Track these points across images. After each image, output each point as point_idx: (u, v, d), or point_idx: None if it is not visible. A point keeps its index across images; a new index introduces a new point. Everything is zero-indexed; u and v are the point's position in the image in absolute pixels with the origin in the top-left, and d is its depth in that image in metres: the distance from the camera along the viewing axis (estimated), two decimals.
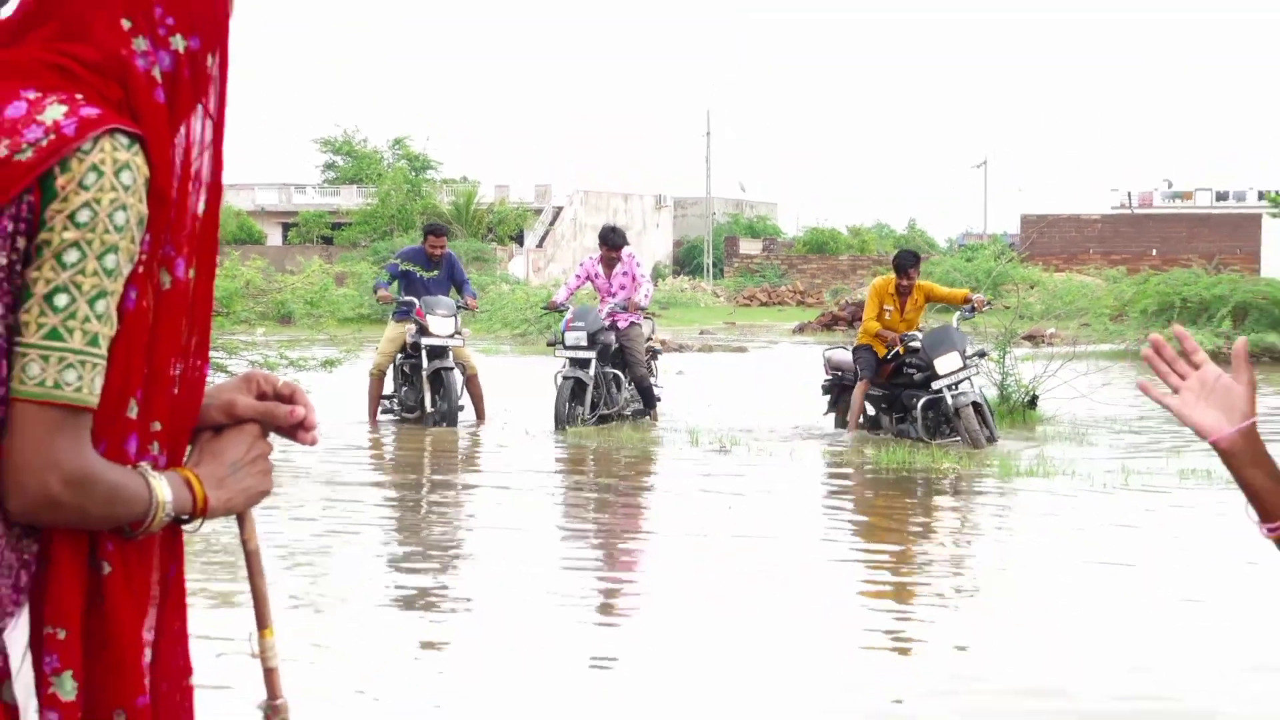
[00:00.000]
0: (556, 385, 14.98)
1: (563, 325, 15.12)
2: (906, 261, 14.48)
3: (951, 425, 13.72)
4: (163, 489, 2.01)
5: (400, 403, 15.12)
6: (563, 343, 15.01)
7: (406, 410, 15.03)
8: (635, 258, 15.78)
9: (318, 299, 31.46)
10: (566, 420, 14.61)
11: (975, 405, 13.62)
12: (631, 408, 15.40)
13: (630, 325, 15.24)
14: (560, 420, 14.64)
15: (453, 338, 14.60)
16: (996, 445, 13.51)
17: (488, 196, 57.39)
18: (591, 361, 14.88)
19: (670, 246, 67.75)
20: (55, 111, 1.92)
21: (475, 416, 15.06)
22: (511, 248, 54.79)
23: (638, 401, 15.45)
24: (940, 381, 13.60)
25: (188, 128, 2.07)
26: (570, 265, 44.18)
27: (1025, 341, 20.48)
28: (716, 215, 68.03)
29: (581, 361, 14.88)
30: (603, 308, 15.27)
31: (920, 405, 13.82)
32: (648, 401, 15.42)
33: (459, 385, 14.71)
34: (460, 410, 14.77)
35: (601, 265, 15.63)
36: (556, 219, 61.38)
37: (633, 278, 15.44)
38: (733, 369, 23.80)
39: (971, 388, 13.78)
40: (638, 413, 15.40)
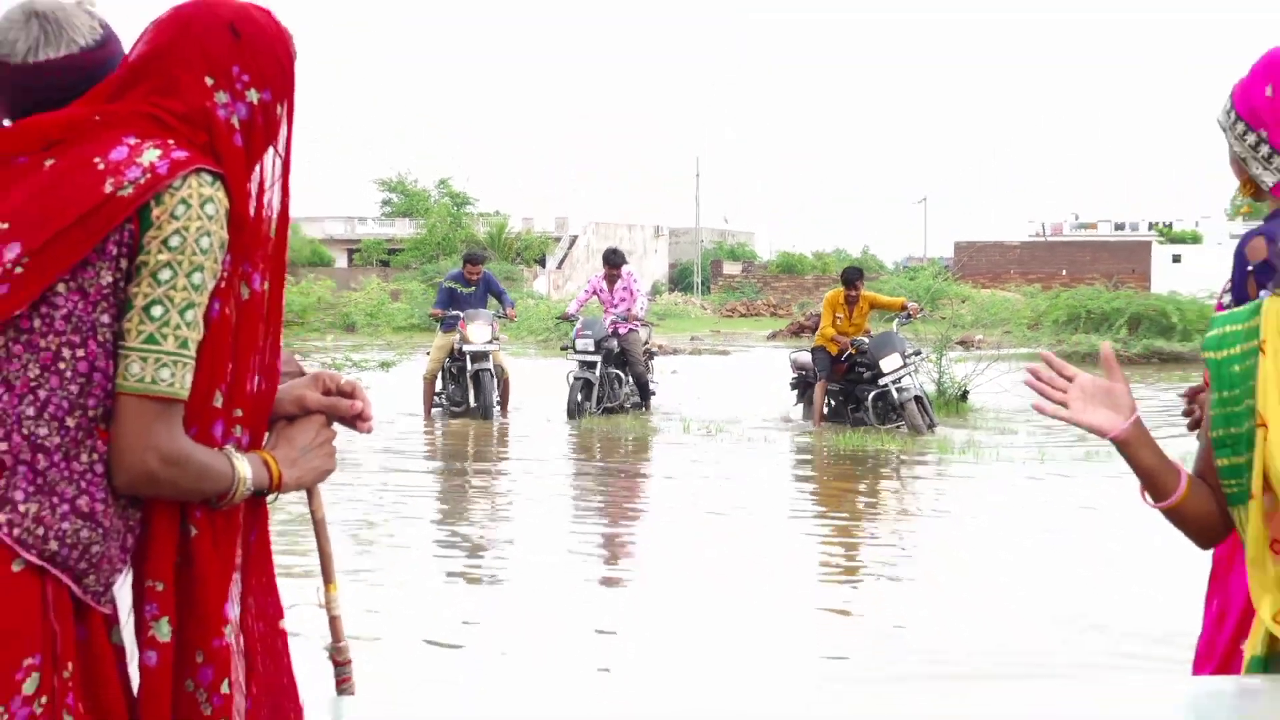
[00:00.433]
0: (569, 383, 15.07)
1: (574, 333, 15.22)
2: (853, 275, 14.63)
3: (898, 414, 13.73)
4: (244, 467, 2.03)
5: (448, 399, 15.13)
6: (574, 348, 15.13)
7: (454, 405, 15.04)
8: (634, 275, 15.80)
9: (376, 311, 31.51)
10: (577, 413, 14.69)
11: (917, 398, 13.71)
12: (631, 401, 15.44)
13: (629, 332, 15.23)
14: (572, 413, 14.72)
15: (490, 343, 14.61)
16: (935, 431, 13.51)
17: (516, 227, 57.30)
18: (597, 364, 14.93)
19: (666, 268, 67.64)
20: (151, 154, 1.94)
21: (500, 406, 15.08)
22: (536, 269, 54.70)
23: (637, 396, 15.47)
24: (886, 378, 13.65)
25: (261, 165, 2.08)
26: (584, 284, 44.31)
27: (958, 346, 20.44)
28: (704, 242, 68.01)
29: (589, 364, 14.94)
30: (606, 317, 15.26)
31: (871, 398, 13.87)
32: (644, 396, 15.44)
33: (494, 385, 14.73)
34: (497, 405, 14.78)
35: (605, 281, 15.65)
36: (573, 245, 61.27)
37: (631, 292, 15.46)
38: (718, 369, 23.76)
39: (913, 383, 13.85)
40: (636, 405, 15.43)
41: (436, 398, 15.17)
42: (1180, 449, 3.07)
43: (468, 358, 14.61)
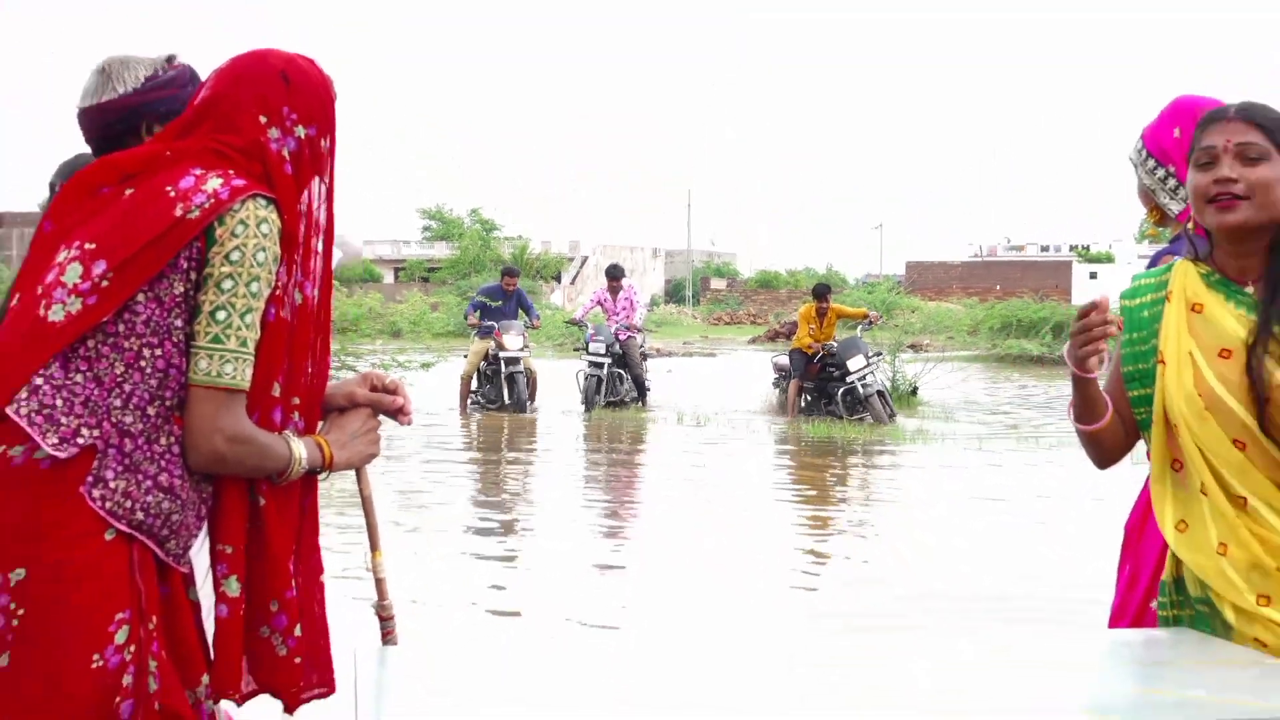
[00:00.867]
0: (582, 379, 15.15)
1: (587, 338, 15.32)
2: (823, 291, 14.77)
3: (863, 406, 13.74)
4: (299, 448, 2.05)
5: (483, 396, 15.16)
6: (587, 349, 15.22)
7: (488, 402, 15.06)
8: (634, 288, 15.89)
9: (418, 320, 31.48)
10: (590, 404, 14.80)
11: (879, 393, 13.79)
12: (630, 395, 15.51)
13: (629, 338, 15.32)
14: (587, 405, 14.82)
15: (522, 350, 14.71)
16: (895, 421, 13.57)
17: (536, 248, 57.22)
18: (606, 364, 15.01)
19: (662, 284, 67.62)
20: (214, 183, 1.96)
21: (529, 399, 15.09)
22: (552, 284, 54.65)
23: (635, 391, 15.55)
24: (852, 376, 13.70)
25: (309, 190, 2.10)
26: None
27: (910, 349, 20.46)
28: (694, 261, 68.06)
29: (598, 363, 15.02)
30: (611, 325, 15.35)
31: (840, 393, 13.89)
32: (641, 393, 15.53)
33: (524, 384, 14.75)
34: (527, 401, 14.79)
35: (609, 293, 15.71)
36: (583, 264, 61.26)
37: (631, 303, 15.55)
38: (706, 368, 23.74)
39: (875, 380, 13.88)
40: (634, 400, 15.50)
41: (472, 395, 15.19)
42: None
43: (503, 361, 14.66)
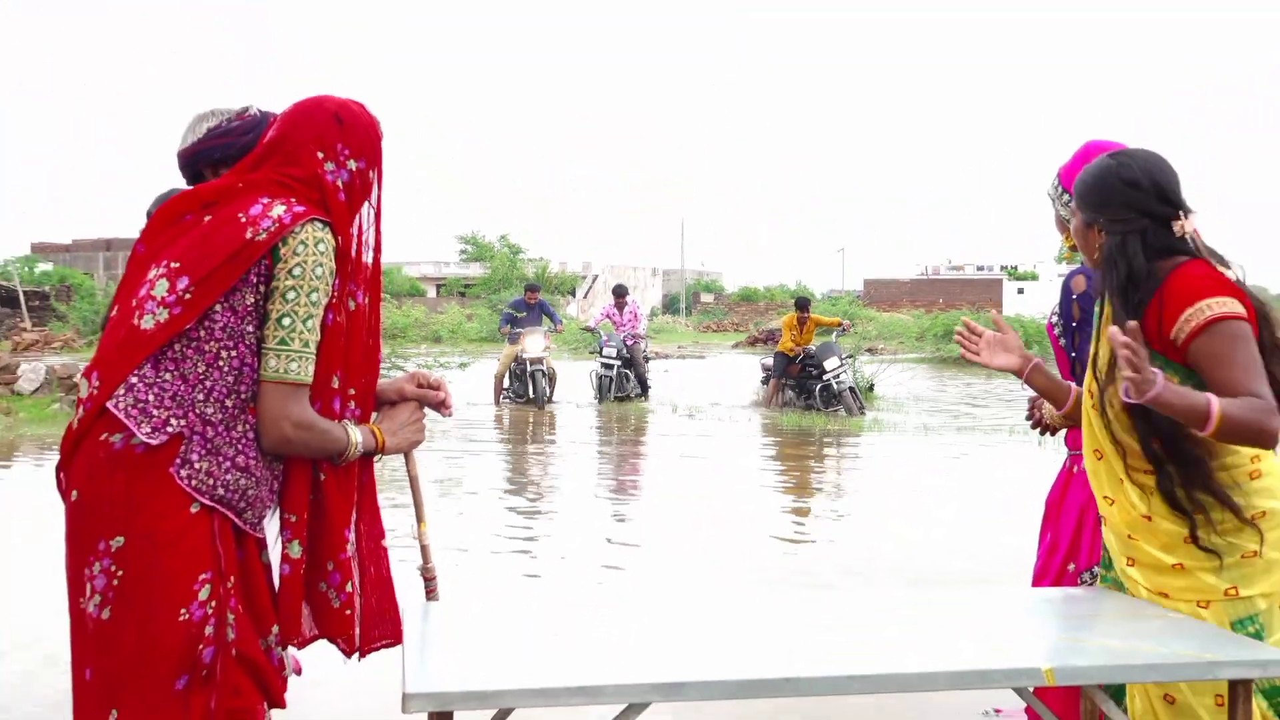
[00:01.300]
0: (595, 378, 15.31)
1: (601, 343, 15.42)
2: (804, 303, 14.84)
3: (837, 401, 13.73)
4: (355, 434, 2.05)
5: (514, 392, 15.20)
6: (601, 353, 15.37)
7: (517, 397, 15.10)
8: (637, 303, 16.08)
9: (456, 328, 31.39)
10: (602, 398, 14.95)
11: (851, 389, 13.76)
12: (635, 391, 15.55)
13: (634, 343, 15.43)
14: (601, 398, 14.99)
15: (544, 352, 14.75)
16: (865, 414, 13.54)
17: (554, 268, 57.25)
18: (616, 365, 15.12)
19: (660, 298, 67.61)
20: (279, 209, 1.98)
21: (549, 394, 15.10)
22: (568, 299, 54.64)
23: (639, 387, 15.59)
24: (828, 375, 13.72)
25: (360, 215, 2.11)
26: (602, 309, 44.39)
27: (867, 352, 20.45)
28: (687, 279, 68.10)
29: (610, 365, 15.15)
30: (620, 332, 15.46)
31: (818, 390, 13.90)
32: (644, 389, 15.56)
33: (544, 380, 14.76)
34: (547, 398, 14.78)
35: (616, 309, 15.87)
36: (594, 282, 61.23)
37: (636, 316, 15.73)
38: (697, 368, 23.71)
39: (847, 378, 13.88)
40: (638, 395, 15.54)
41: (504, 390, 15.25)
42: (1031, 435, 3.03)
43: (527, 362, 14.71)
